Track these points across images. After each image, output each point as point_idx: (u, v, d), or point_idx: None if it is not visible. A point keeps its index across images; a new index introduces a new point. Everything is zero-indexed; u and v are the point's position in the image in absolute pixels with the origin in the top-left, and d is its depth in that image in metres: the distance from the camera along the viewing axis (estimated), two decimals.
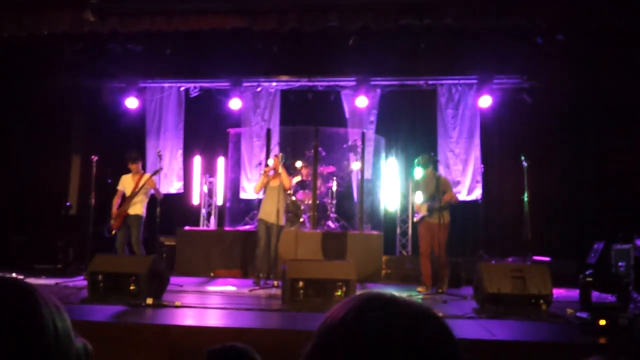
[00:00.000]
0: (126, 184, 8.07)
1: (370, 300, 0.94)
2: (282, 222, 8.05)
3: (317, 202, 9.57)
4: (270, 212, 7.85)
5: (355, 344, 0.88)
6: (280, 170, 8.01)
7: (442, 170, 9.82)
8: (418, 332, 0.89)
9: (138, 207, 7.93)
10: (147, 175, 8.12)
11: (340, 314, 0.93)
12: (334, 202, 9.83)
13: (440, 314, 4.62)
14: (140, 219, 7.91)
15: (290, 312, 5.66)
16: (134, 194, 7.90)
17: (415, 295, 7.12)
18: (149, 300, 5.78)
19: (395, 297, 0.95)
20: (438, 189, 7.56)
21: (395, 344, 0.86)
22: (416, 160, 7.95)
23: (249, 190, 10.72)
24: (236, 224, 10.06)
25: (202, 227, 10.57)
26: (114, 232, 7.89)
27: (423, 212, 7.69)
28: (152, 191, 8.11)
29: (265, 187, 8.12)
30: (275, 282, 7.41)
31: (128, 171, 8.15)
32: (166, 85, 11.15)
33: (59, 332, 0.98)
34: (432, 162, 7.98)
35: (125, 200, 7.96)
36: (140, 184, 7.94)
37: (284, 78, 10.87)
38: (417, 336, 0.88)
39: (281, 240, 8.06)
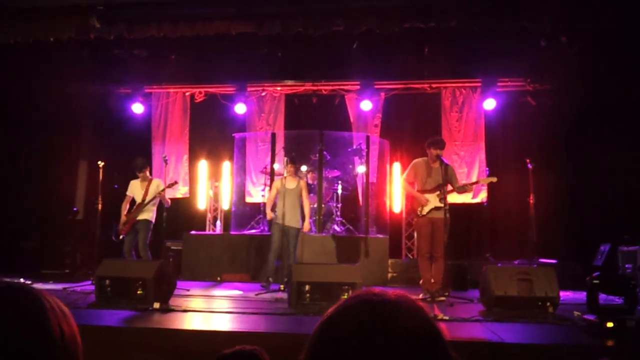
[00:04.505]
0: (135, 190, 8.11)
1: (365, 302, 0.98)
2: (300, 225, 7.83)
3: (323, 205, 9.58)
4: (286, 216, 7.68)
5: (347, 345, 0.92)
6: (302, 184, 7.96)
7: None
8: (410, 333, 0.93)
9: (147, 213, 7.98)
10: (156, 181, 8.15)
11: (333, 317, 0.98)
12: (340, 205, 9.84)
13: (447, 317, 4.59)
14: (149, 224, 7.95)
15: (297, 315, 5.67)
16: (145, 203, 7.93)
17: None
18: (156, 305, 5.80)
19: (388, 299, 0.98)
20: (446, 178, 6.95)
21: (386, 345, 0.90)
22: (432, 141, 7.13)
23: (255, 195, 10.74)
24: (242, 228, 10.08)
25: (208, 232, 10.59)
26: (122, 237, 7.93)
27: (433, 203, 6.95)
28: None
29: (279, 190, 8.00)
30: (282, 286, 7.40)
31: (135, 176, 8.19)
32: (172, 90, 11.21)
33: (65, 336, 1.00)
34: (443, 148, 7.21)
35: (135, 207, 8.00)
36: (150, 192, 7.96)
37: (289, 82, 10.90)
38: (409, 337, 0.92)
39: None
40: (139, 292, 6.02)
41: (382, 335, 0.91)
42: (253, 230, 9.90)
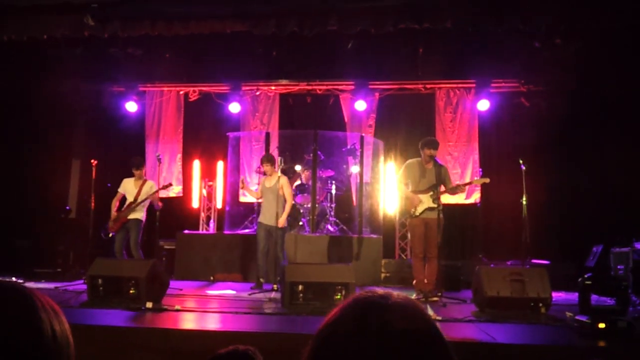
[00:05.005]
0: (128, 188, 8.07)
1: (366, 303, 0.98)
2: (282, 224, 7.78)
3: (317, 205, 9.58)
4: (268, 215, 7.76)
5: (349, 347, 0.92)
6: (282, 180, 7.90)
7: None
8: (414, 336, 0.93)
9: (138, 212, 7.94)
10: (150, 183, 8.12)
11: (336, 319, 0.98)
12: (333, 205, 9.84)
13: (440, 317, 4.59)
14: (140, 223, 7.92)
15: (290, 315, 5.66)
16: (137, 202, 7.89)
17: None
18: (149, 304, 5.78)
19: (390, 300, 0.98)
20: (439, 179, 6.96)
21: (390, 347, 0.90)
22: (425, 141, 7.12)
23: (248, 194, 10.72)
24: (235, 227, 10.06)
25: (201, 231, 10.56)
26: (110, 234, 7.89)
27: (426, 204, 6.93)
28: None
29: (262, 189, 8.07)
30: (275, 286, 7.39)
31: (128, 175, 8.15)
32: (165, 89, 11.18)
33: (57, 335, 1.00)
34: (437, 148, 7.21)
35: (127, 206, 7.96)
36: (143, 192, 7.93)
37: (283, 82, 10.89)
38: (412, 340, 0.92)
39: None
40: (131, 291, 6.01)
41: (386, 338, 0.91)
42: (246, 230, 9.88)
